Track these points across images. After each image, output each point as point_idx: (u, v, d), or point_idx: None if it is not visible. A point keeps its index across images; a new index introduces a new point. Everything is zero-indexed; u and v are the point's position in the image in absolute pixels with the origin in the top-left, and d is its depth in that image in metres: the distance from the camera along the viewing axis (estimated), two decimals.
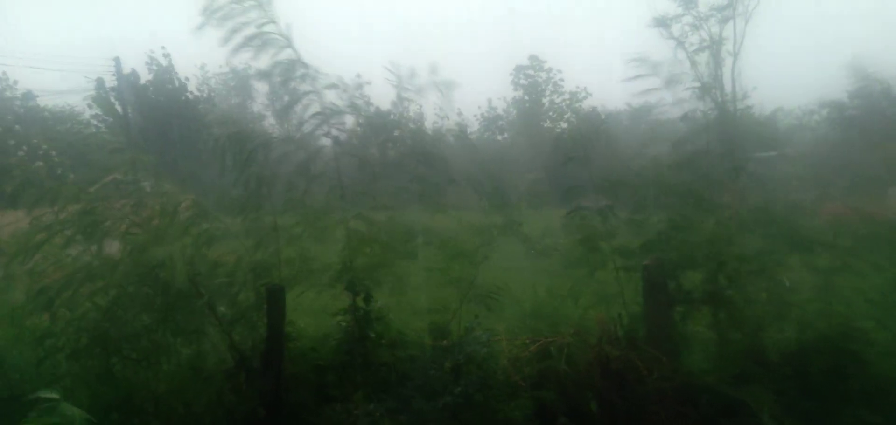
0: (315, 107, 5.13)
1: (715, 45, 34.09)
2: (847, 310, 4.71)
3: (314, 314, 5.55)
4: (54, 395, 3.15)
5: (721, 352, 4.78)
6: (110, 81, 32.84)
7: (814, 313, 4.71)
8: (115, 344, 4.50)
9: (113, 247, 4.47)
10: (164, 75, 40.33)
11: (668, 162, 5.15)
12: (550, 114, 56.48)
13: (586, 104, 53.59)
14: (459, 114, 51.54)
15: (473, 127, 55.45)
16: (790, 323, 4.77)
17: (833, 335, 4.58)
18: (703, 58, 34.21)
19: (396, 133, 5.11)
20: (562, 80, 55.50)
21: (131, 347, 4.57)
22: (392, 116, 5.10)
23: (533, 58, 55.73)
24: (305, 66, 4.91)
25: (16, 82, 36.51)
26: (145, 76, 39.36)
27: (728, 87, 33.02)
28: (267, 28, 4.81)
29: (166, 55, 40.17)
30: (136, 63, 41.30)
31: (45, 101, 36.70)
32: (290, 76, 4.93)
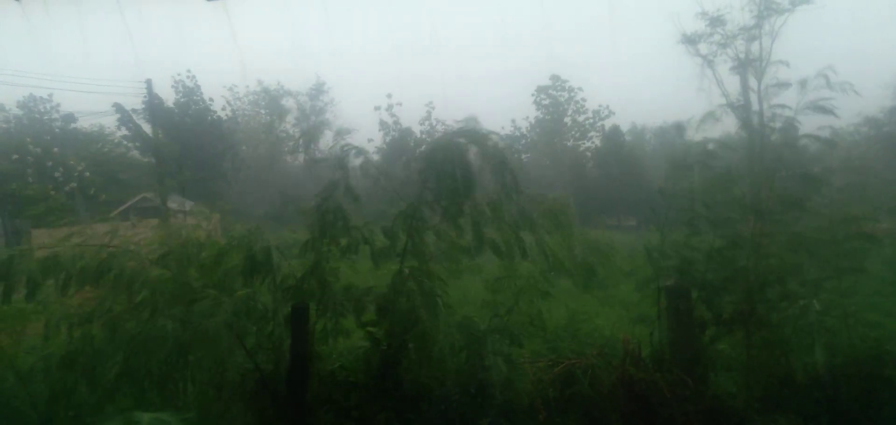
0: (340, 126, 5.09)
1: (742, 65, 33.86)
2: (879, 334, 4.59)
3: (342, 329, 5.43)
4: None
5: (749, 375, 4.68)
6: (134, 103, 33.57)
7: (844, 336, 4.59)
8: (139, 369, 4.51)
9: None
10: (191, 96, 41.25)
11: (703, 181, 4.95)
12: (573, 133, 56.42)
13: (608, 122, 53.50)
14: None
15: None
16: (820, 346, 4.65)
17: (865, 359, 4.46)
18: (732, 76, 34.08)
19: (422, 149, 5.03)
20: (584, 99, 55.49)
21: (156, 370, 4.57)
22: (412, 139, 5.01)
23: (554, 77, 55.81)
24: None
25: (59, 105, 37.52)
26: (171, 97, 40.42)
27: (755, 106, 32.70)
28: None
29: (192, 77, 41.16)
30: (163, 84, 42.40)
31: (82, 122, 37.61)
32: (316, 96, 4.95)
